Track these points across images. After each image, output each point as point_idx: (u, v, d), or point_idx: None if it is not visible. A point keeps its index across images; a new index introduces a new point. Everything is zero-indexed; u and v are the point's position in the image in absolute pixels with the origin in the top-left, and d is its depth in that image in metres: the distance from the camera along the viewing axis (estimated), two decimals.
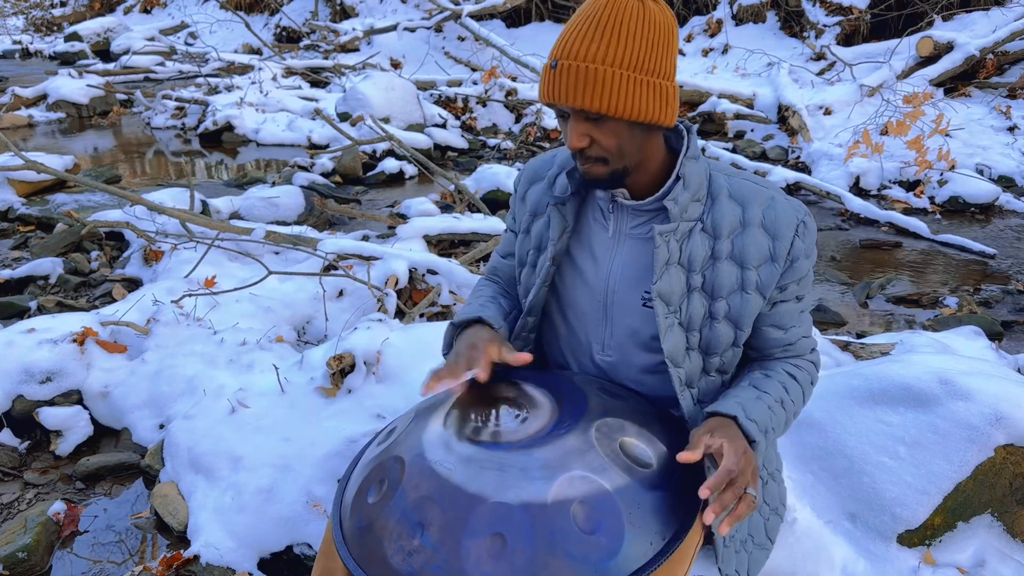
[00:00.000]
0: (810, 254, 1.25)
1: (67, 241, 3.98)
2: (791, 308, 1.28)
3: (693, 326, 1.25)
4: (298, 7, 12.94)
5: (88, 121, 7.80)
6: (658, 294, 1.22)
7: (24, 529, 1.95)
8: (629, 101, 1.12)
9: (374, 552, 1.05)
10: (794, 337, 1.31)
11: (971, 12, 7.90)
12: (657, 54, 1.13)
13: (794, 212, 1.23)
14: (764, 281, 1.23)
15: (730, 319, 1.25)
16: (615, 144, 1.16)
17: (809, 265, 1.26)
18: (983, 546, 1.72)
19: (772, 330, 1.29)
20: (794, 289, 1.26)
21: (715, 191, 1.24)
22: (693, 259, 1.23)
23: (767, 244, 1.22)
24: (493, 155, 6.46)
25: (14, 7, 17.98)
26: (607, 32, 1.10)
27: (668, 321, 1.23)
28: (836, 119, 6.44)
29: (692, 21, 9.87)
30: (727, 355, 1.28)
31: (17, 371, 2.46)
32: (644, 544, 1.03)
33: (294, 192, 4.52)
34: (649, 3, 1.13)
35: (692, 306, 1.24)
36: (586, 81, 1.10)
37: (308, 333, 3.01)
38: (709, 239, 1.23)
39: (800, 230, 1.22)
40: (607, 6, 1.11)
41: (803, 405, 1.30)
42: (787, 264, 1.23)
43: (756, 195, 1.24)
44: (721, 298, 1.23)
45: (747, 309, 1.24)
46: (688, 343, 1.26)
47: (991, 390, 1.80)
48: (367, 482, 1.15)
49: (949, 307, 3.46)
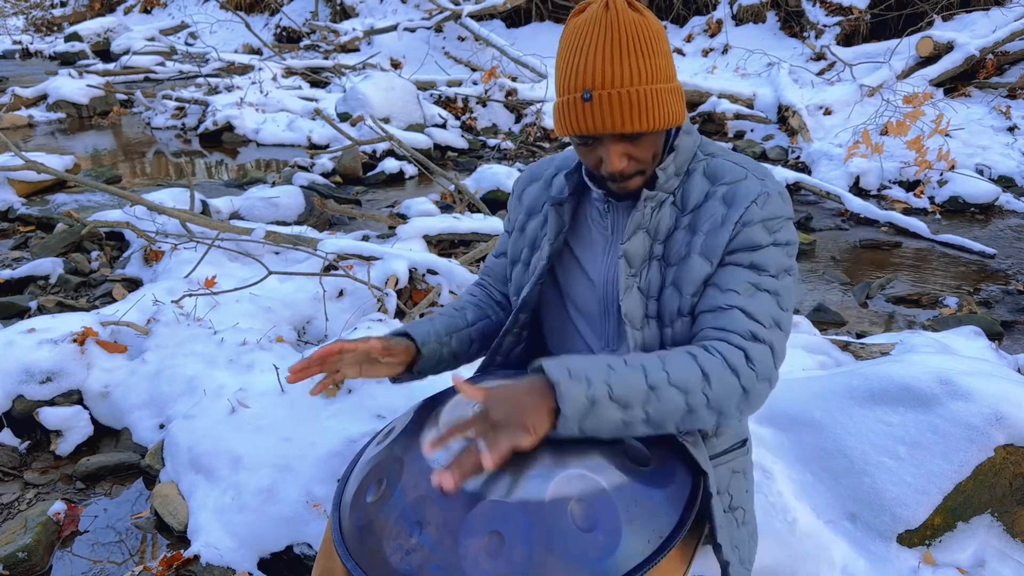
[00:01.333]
0: (773, 229, 1.18)
1: (67, 241, 3.98)
2: (738, 273, 1.17)
3: (651, 293, 1.25)
4: (298, 7, 12.95)
5: (88, 121, 7.80)
6: (624, 252, 1.23)
7: (24, 529, 1.95)
8: (664, 112, 1.15)
9: (373, 551, 1.05)
10: (728, 301, 1.16)
11: (971, 12, 7.90)
12: (667, 60, 1.17)
13: (761, 186, 1.20)
14: (709, 245, 1.19)
15: (675, 284, 1.23)
16: (650, 155, 1.20)
17: (769, 239, 1.18)
18: (983, 546, 1.72)
19: (710, 289, 1.19)
20: (746, 256, 1.18)
21: (692, 167, 1.26)
22: (659, 229, 1.25)
23: (721, 212, 1.20)
24: (493, 155, 6.46)
25: (14, 7, 17.99)
26: (631, 52, 1.12)
27: (628, 282, 1.24)
28: (836, 119, 6.44)
29: (692, 21, 9.87)
30: (677, 326, 1.24)
31: (17, 371, 2.46)
32: (641, 542, 1.03)
33: (294, 192, 4.52)
34: (646, 13, 1.16)
35: (651, 273, 1.25)
36: (628, 106, 1.12)
37: (308, 333, 3.01)
38: (676, 212, 1.25)
39: (760, 199, 1.18)
40: (618, 24, 1.12)
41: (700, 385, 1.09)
42: (737, 228, 1.18)
43: (728, 173, 1.24)
44: (673, 265, 1.24)
45: (688, 274, 1.20)
46: (646, 310, 1.26)
47: (991, 390, 1.80)
48: (366, 481, 1.15)
49: (949, 307, 3.46)
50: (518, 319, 1.41)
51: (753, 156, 6.07)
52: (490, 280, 1.55)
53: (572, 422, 1.04)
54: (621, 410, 1.06)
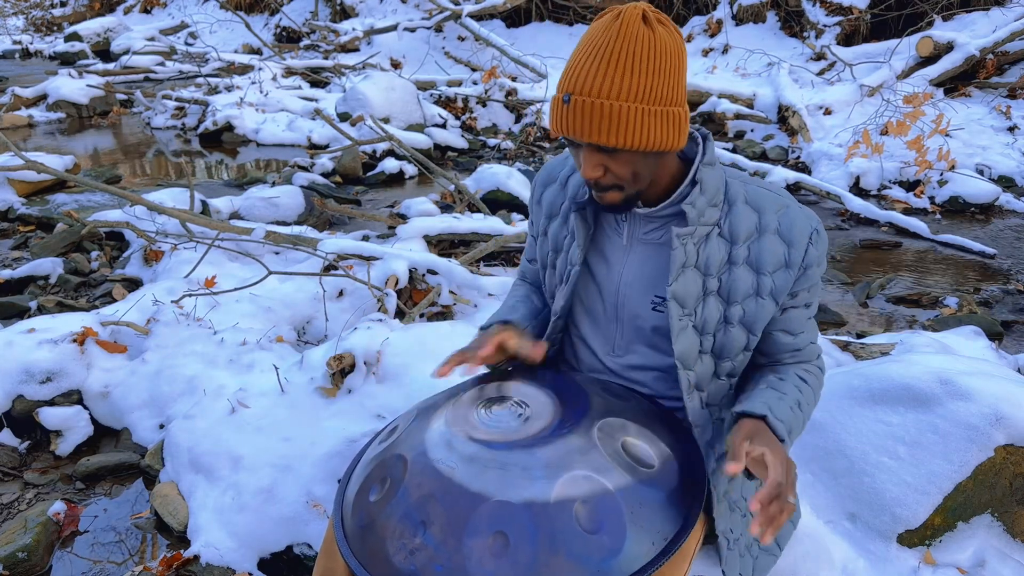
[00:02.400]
0: (821, 262, 1.26)
1: (67, 241, 3.98)
2: (800, 314, 1.29)
3: (708, 330, 1.26)
4: (298, 7, 12.94)
5: (88, 121, 7.80)
6: (673, 295, 1.22)
7: (24, 529, 1.95)
8: (642, 134, 1.11)
9: (376, 551, 1.05)
10: (803, 343, 1.32)
11: (971, 12, 7.90)
12: (668, 82, 1.11)
13: (808, 220, 1.24)
14: (778, 287, 1.23)
15: (744, 324, 1.26)
16: (629, 172, 1.17)
17: (820, 273, 1.27)
18: (983, 546, 1.72)
19: (782, 335, 1.30)
20: (804, 296, 1.27)
21: (732, 197, 1.25)
22: (710, 263, 1.23)
23: (783, 251, 1.23)
24: (493, 155, 6.46)
25: (14, 7, 17.98)
26: (619, 65, 1.08)
27: (682, 323, 1.24)
28: (836, 119, 6.44)
29: (692, 21, 9.87)
30: (738, 359, 1.29)
31: (17, 371, 2.46)
32: (646, 544, 1.03)
33: (294, 192, 4.52)
34: (659, 29, 1.10)
35: (708, 310, 1.24)
36: (601, 117, 1.09)
37: (308, 333, 3.01)
38: (726, 244, 1.24)
39: (814, 238, 1.23)
40: (618, 36, 1.08)
41: (813, 410, 1.31)
42: (801, 271, 1.23)
43: (772, 202, 1.25)
44: (737, 303, 1.24)
45: (761, 314, 1.25)
46: (702, 346, 1.27)
47: (991, 390, 1.80)
48: (369, 480, 1.15)
49: (949, 307, 3.46)
50: (556, 325, 1.41)
51: (753, 156, 6.08)
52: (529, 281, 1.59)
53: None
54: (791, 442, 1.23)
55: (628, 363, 1.36)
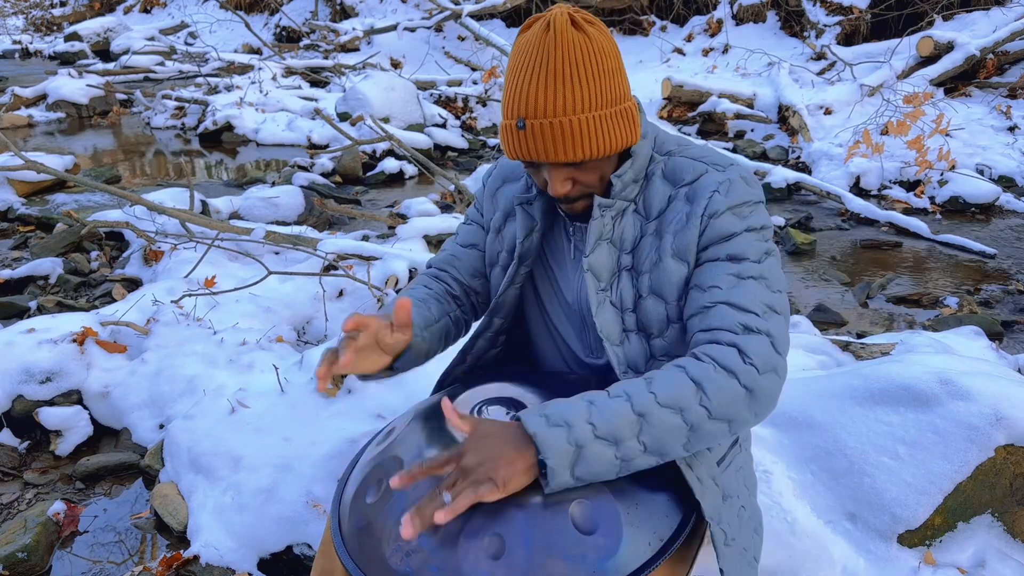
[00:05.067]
0: (743, 214, 1.14)
1: (67, 241, 3.98)
2: (717, 268, 1.12)
3: (626, 305, 1.21)
4: (298, 7, 12.94)
5: (88, 121, 7.80)
6: (589, 267, 1.20)
7: (24, 529, 1.95)
8: (605, 139, 1.09)
9: (372, 552, 1.05)
10: (712, 298, 1.10)
11: (971, 12, 7.89)
12: (613, 82, 1.09)
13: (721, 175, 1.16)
14: (680, 245, 1.15)
15: (654, 292, 1.19)
16: (596, 178, 1.16)
17: (742, 225, 1.13)
18: (983, 546, 1.72)
19: (693, 291, 1.14)
20: (721, 248, 1.13)
21: (650, 172, 1.22)
22: (624, 238, 1.21)
23: (685, 210, 1.16)
24: (493, 155, 6.46)
25: (14, 7, 17.98)
26: (565, 79, 1.05)
27: (599, 297, 1.21)
28: (836, 119, 6.44)
29: (692, 21, 9.87)
30: (667, 335, 1.21)
31: (17, 371, 2.46)
32: (642, 544, 1.03)
33: (294, 192, 4.52)
34: (590, 31, 1.07)
35: (622, 285, 1.21)
36: (563, 135, 1.07)
37: (308, 333, 3.01)
38: (641, 220, 1.21)
39: (723, 187, 1.14)
40: (556, 49, 1.05)
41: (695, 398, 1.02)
42: (704, 222, 1.13)
43: (688, 171, 1.19)
44: (645, 272, 1.19)
45: (667, 278, 1.16)
46: (624, 324, 1.22)
47: (991, 390, 1.80)
48: (366, 482, 1.15)
49: (949, 307, 3.46)
50: (492, 323, 1.36)
51: (753, 156, 6.06)
52: (450, 273, 1.44)
53: (562, 472, 0.98)
54: (612, 447, 0.99)
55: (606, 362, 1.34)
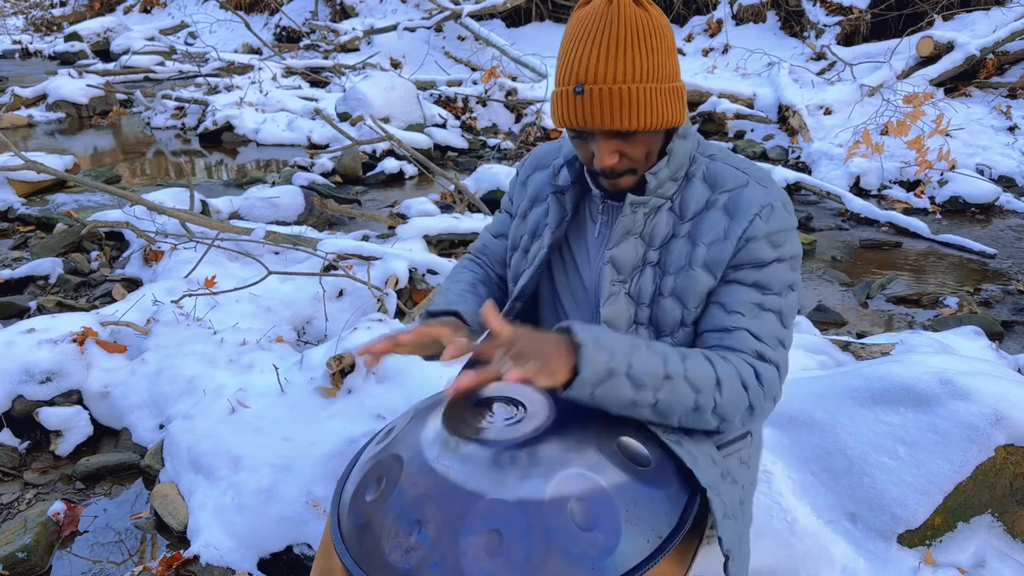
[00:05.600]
0: (778, 243, 1.17)
1: (67, 241, 3.98)
2: (743, 293, 1.17)
3: (642, 299, 1.23)
4: (298, 7, 12.94)
5: (88, 121, 7.80)
6: (611, 259, 1.22)
7: (24, 529, 1.95)
8: (658, 112, 1.13)
9: (372, 550, 1.05)
10: (734, 323, 1.17)
11: (971, 12, 7.90)
12: (668, 59, 1.13)
13: (764, 195, 1.18)
14: (712, 258, 1.18)
15: (676, 295, 1.21)
16: (643, 153, 1.18)
17: (774, 254, 1.17)
18: (983, 546, 1.72)
19: (714, 307, 1.19)
20: (751, 274, 1.17)
21: (691, 173, 1.24)
22: (655, 235, 1.23)
23: (724, 224, 1.19)
24: (493, 155, 6.46)
25: (14, 7, 17.98)
26: (626, 48, 1.10)
27: (615, 288, 1.23)
28: (836, 119, 6.44)
29: (692, 21, 9.87)
30: (678, 336, 1.23)
31: (17, 371, 2.46)
32: (641, 541, 1.03)
33: (294, 192, 4.52)
34: (650, 8, 1.13)
35: (643, 279, 1.23)
36: (620, 102, 1.10)
37: (308, 333, 3.01)
38: (675, 219, 1.23)
39: (764, 212, 1.17)
40: (618, 21, 1.10)
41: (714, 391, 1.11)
42: (741, 243, 1.16)
43: (729, 178, 1.22)
44: (670, 274, 1.22)
45: (693, 286, 1.19)
46: (636, 317, 1.24)
47: (991, 390, 1.80)
48: (365, 480, 1.15)
49: (949, 307, 3.46)
50: (514, 307, 1.39)
51: (753, 156, 6.07)
52: (486, 260, 1.52)
53: (587, 386, 1.05)
54: (634, 389, 1.08)
55: None
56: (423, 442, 1.14)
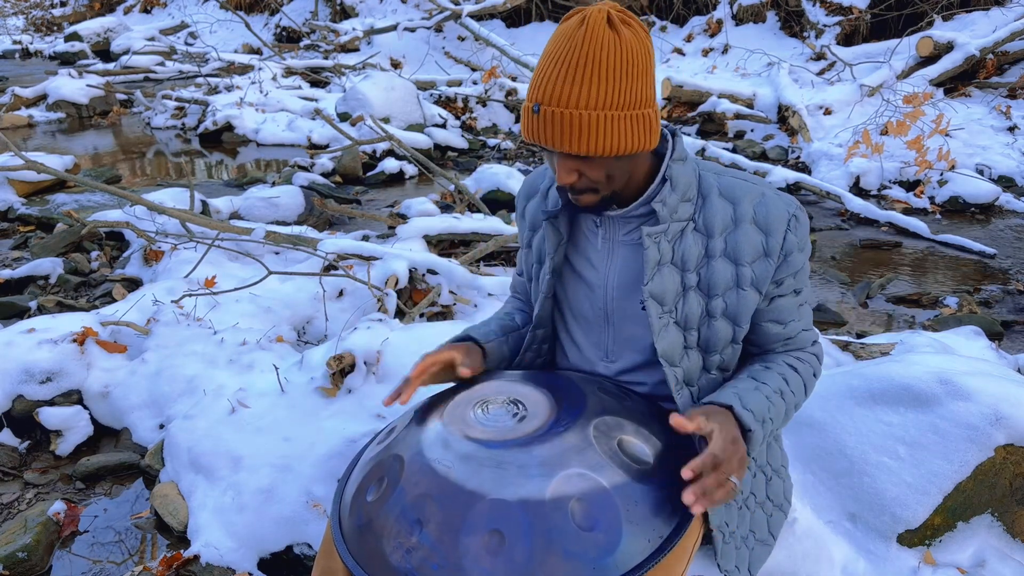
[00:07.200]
0: (804, 247, 1.26)
1: (67, 241, 3.98)
2: (789, 302, 1.29)
3: (691, 324, 1.26)
4: (298, 7, 12.94)
5: (88, 121, 7.80)
6: (650, 295, 1.23)
7: (24, 529, 1.95)
8: (613, 140, 1.10)
9: (373, 550, 1.05)
10: (793, 331, 1.31)
11: (971, 12, 7.90)
12: (635, 86, 1.10)
13: (785, 207, 1.24)
14: (759, 276, 1.23)
15: (728, 316, 1.26)
16: (602, 176, 1.17)
17: (803, 258, 1.26)
18: (983, 546, 1.72)
19: (771, 325, 1.30)
20: (791, 283, 1.27)
21: (705, 190, 1.25)
22: (687, 258, 1.24)
23: (760, 240, 1.23)
24: (493, 155, 6.46)
25: (14, 7, 17.98)
26: (585, 73, 1.07)
27: (663, 321, 1.24)
28: (836, 119, 6.44)
29: (692, 21, 9.87)
30: (727, 352, 1.29)
31: (17, 371, 2.46)
32: (642, 541, 1.03)
33: (294, 192, 4.52)
34: (624, 31, 1.08)
35: (688, 305, 1.25)
36: (571, 127, 1.09)
37: (308, 333, 3.01)
38: (702, 238, 1.24)
39: (792, 224, 1.23)
40: (584, 44, 1.07)
41: (805, 397, 1.30)
42: (781, 259, 1.23)
43: (746, 191, 1.24)
44: (718, 296, 1.24)
45: (744, 305, 1.24)
46: (686, 342, 1.27)
47: (991, 390, 1.80)
48: (366, 481, 1.15)
49: (949, 307, 3.46)
50: (536, 335, 1.42)
51: (753, 156, 6.08)
52: (519, 296, 1.60)
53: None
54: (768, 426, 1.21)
55: (622, 367, 1.36)
56: (424, 442, 1.14)
